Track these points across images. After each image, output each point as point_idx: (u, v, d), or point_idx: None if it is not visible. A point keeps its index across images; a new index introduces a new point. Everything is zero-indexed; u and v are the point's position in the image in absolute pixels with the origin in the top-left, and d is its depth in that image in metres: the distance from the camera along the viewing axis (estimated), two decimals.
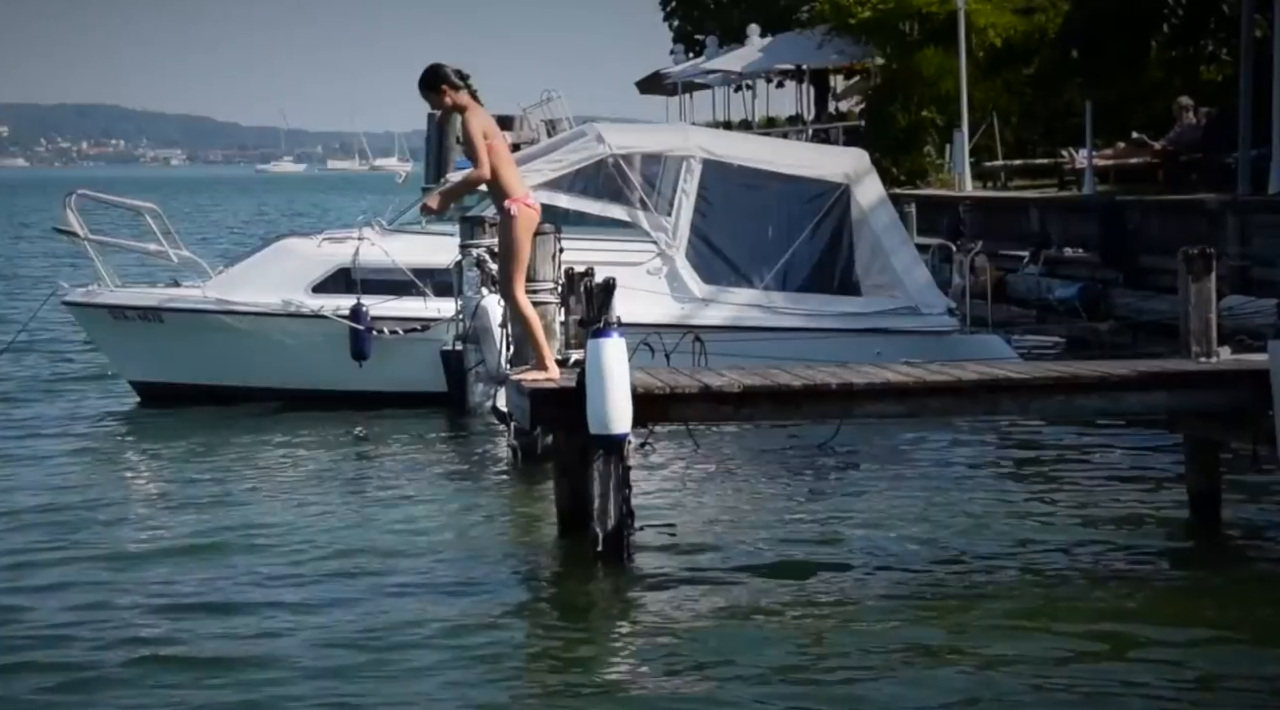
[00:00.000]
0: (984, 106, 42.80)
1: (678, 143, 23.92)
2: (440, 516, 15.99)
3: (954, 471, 18.25)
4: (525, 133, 43.94)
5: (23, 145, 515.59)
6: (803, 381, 13.94)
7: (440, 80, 14.25)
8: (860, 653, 11.44)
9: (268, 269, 23.31)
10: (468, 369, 21.30)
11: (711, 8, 69.46)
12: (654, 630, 12.18)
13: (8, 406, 23.34)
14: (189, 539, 15.04)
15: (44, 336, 30.00)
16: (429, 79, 14.31)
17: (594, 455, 13.41)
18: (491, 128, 14.28)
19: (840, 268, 23.48)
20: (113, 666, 11.38)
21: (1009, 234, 32.28)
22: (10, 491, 17.43)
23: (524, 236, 14.25)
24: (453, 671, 11.20)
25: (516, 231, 14.18)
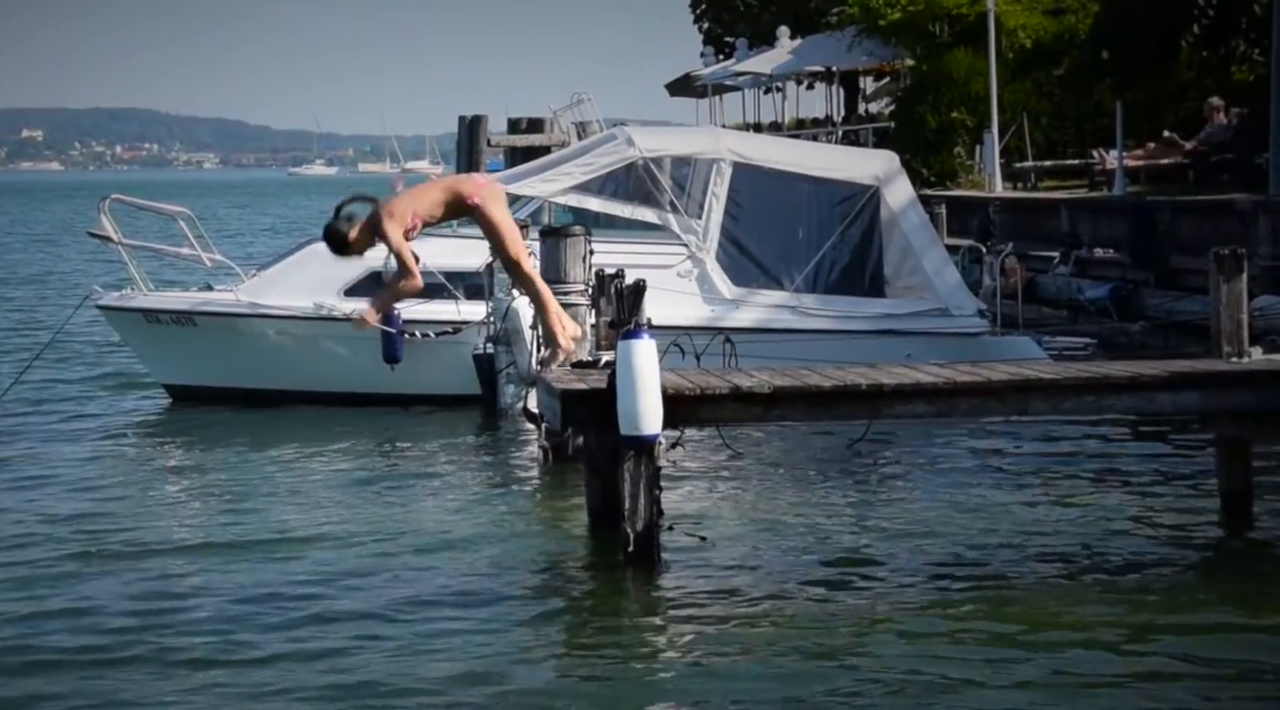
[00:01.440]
0: (1014, 107, 42.77)
1: (708, 145, 23.95)
2: (472, 517, 16.04)
3: (984, 472, 18.22)
4: (556, 135, 44.03)
5: (57, 149, 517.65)
6: (833, 382, 13.95)
7: (340, 237, 14.00)
8: (890, 654, 11.46)
9: (300, 272, 23.35)
10: (499, 371, 21.36)
11: (741, 10, 69.49)
12: (684, 630, 12.22)
13: (42, 409, 23.42)
14: (223, 538, 15.16)
15: (77, 340, 30.12)
16: (336, 244, 14.09)
17: (625, 456, 13.43)
18: (399, 200, 14.01)
19: (870, 269, 23.49)
20: (145, 661, 11.51)
21: (1039, 235, 32.27)
22: (45, 493, 17.52)
23: (504, 212, 14.15)
24: (484, 670, 11.25)
25: (496, 213, 14.05)
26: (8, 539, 15.17)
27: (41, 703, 10.79)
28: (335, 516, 16.15)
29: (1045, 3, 46.25)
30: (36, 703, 10.80)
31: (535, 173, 24.47)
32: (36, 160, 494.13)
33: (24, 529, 15.66)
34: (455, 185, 14.19)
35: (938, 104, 44.95)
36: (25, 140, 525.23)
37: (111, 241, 23.52)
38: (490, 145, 46.05)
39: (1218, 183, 31.80)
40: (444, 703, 10.72)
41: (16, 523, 15.95)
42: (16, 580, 13.63)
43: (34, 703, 10.80)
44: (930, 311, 23.19)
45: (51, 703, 10.79)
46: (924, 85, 46.56)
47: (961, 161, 44.55)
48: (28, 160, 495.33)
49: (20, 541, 15.11)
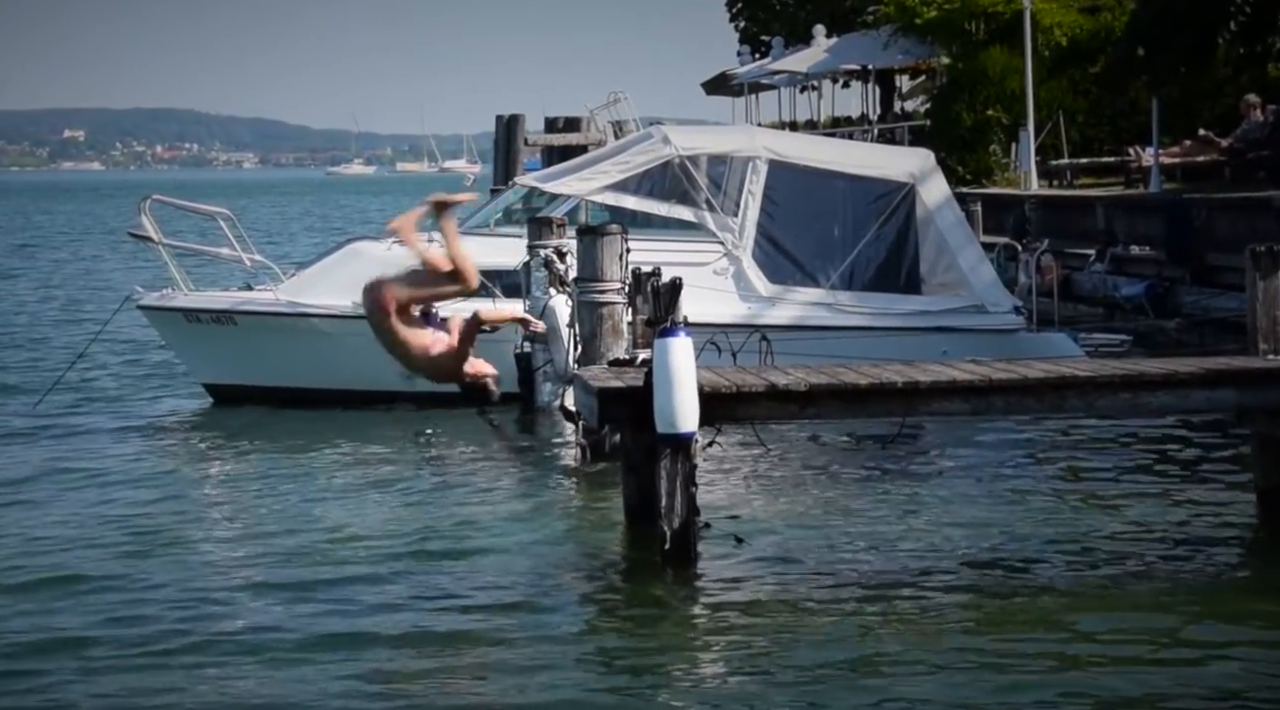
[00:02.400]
0: (1049, 105, 42.72)
1: (743, 143, 24.01)
2: (509, 514, 16.10)
3: (1019, 469, 18.25)
4: (593, 134, 44.07)
5: (98, 149, 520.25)
6: (868, 380, 13.99)
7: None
8: (926, 651, 11.49)
9: (338, 272, 23.43)
10: (536, 368, 21.43)
11: (777, 9, 69.49)
12: (720, 627, 12.29)
13: (84, 409, 23.56)
14: (264, 537, 15.26)
15: (119, 340, 30.27)
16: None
17: (661, 454, 13.50)
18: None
19: (906, 266, 23.51)
20: (189, 656, 11.65)
21: (1075, 232, 32.27)
22: (87, 492, 17.63)
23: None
24: (520, 666, 11.35)
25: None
26: (51, 538, 15.27)
27: (87, 698, 10.91)
28: (374, 514, 16.25)
29: (1081, 1, 46.20)
30: (81, 696, 10.92)
31: (572, 171, 24.56)
32: (78, 160, 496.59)
33: (67, 528, 15.77)
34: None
35: (973, 102, 44.94)
36: (67, 140, 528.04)
37: (152, 242, 23.66)
38: (527, 144, 46.14)
39: (1254, 180, 31.74)
40: (480, 698, 10.82)
41: (60, 522, 16.06)
42: (62, 578, 13.73)
43: (78, 696, 10.92)
44: (966, 308, 23.21)
45: (97, 699, 10.91)
46: (959, 83, 46.55)
47: (997, 159, 44.52)
48: (70, 160, 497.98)
49: (63, 540, 15.21)
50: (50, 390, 23.87)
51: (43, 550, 14.85)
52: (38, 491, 17.72)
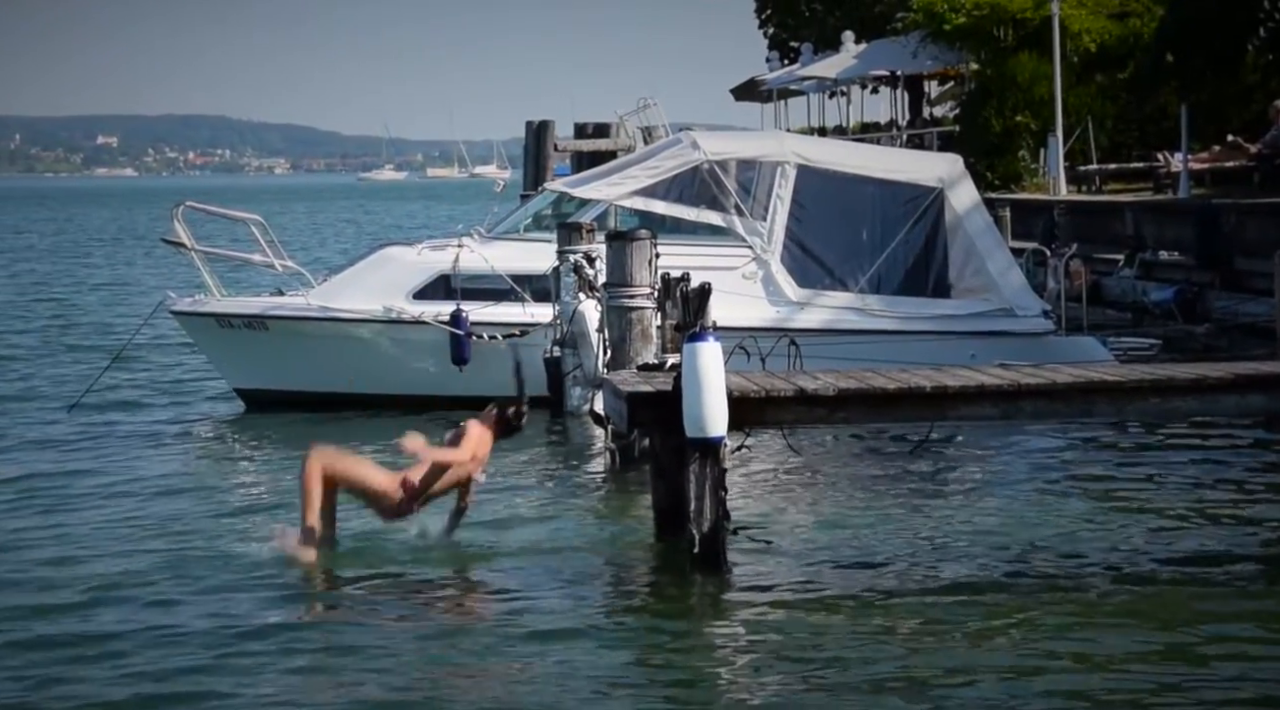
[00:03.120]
0: (1078, 111, 42.74)
1: (772, 149, 24.07)
2: (539, 518, 16.12)
3: (1048, 474, 18.24)
4: (622, 139, 44.14)
5: (131, 155, 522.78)
6: (897, 384, 13.98)
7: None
8: (955, 656, 11.53)
9: (370, 276, 23.59)
10: (566, 373, 21.49)
11: (806, 15, 69.54)
12: (750, 631, 12.32)
13: (117, 414, 23.64)
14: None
15: (152, 345, 30.40)
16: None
17: (690, 458, 13.51)
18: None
19: (935, 271, 23.55)
20: (224, 659, 11.73)
21: (1104, 237, 32.27)
22: (121, 497, 17.70)
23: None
24: (549, 670, 11.39)
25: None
26: (85, 544, 15.31)
27: (124, 702, 11.00)
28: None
29: (1110, 6, 46.21)
30: (118, 701, 11.02)
31: (602, 177, 24.63)
32: (111, 166, 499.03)
33: (101, 532, 15.82)
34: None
35: (1002, 108, 44.97)
36: (100, 147, 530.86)
37: (185, 248, 23.77)
38: (557, 150, 46.22)
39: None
40: (509, 701, 10.87)
41: (94, 526, 16.11)
42: (98, 586, 13.75)
43: (116, 701, 11.02)
44: (995, 312, 23.22)
45: (134, 703, 11.00)
46: (988, 89, 46.59)
47: (1026, 165, 44.53)
48: (103, 166, 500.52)
49: (97, 544, 15.26)
50: (84, 395, 23.98)
51: (76, 554, 14.90)
52: (71, 496, 17.79)
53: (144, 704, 10.96)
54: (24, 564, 14.53)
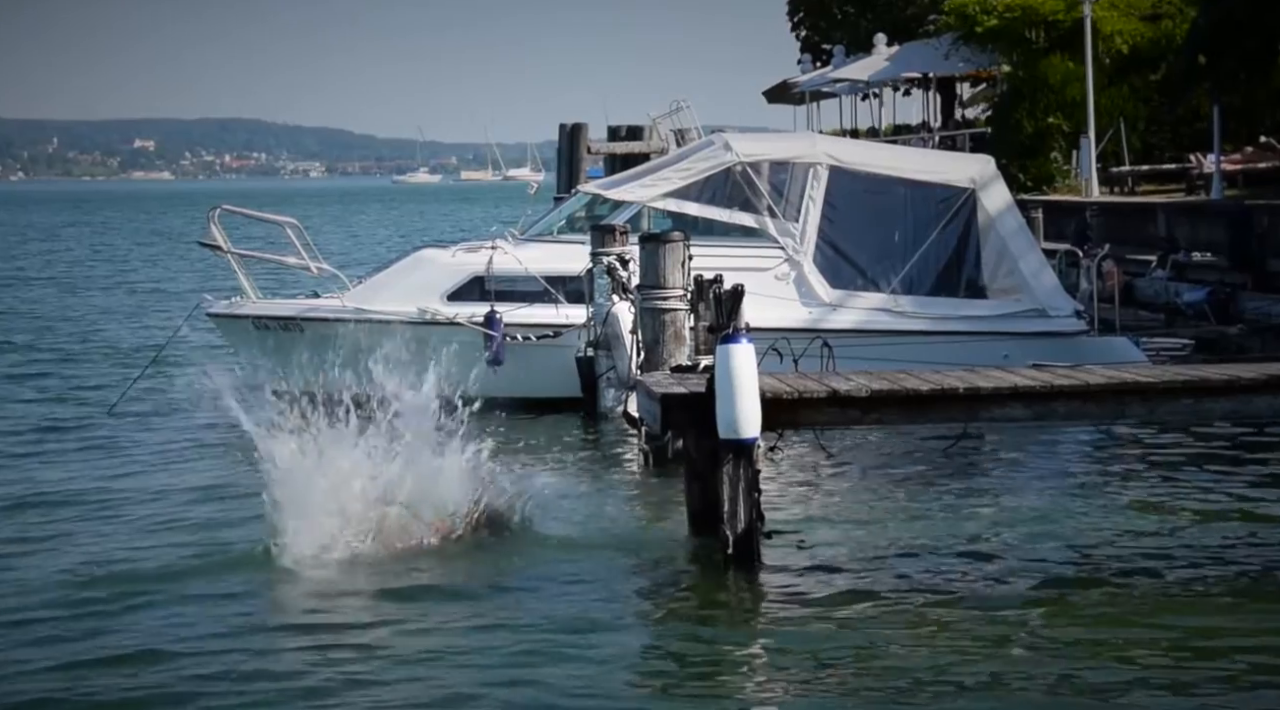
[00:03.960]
0: (1110, 112, 42.71)
1: (805, 150, 24.13)
2: (573, 518, 16.13)
3: (1081, 474, 18.27)
4: (655, 142, 44.27)
5: (168, 159, 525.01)
6: (930, 385, 14.02)
7: None
8: (986, 658, 11.56)
9: (404, 279, 23.69)
10: (599, 374, 21.57)
11: (839, 18, 69.53)
12: (783, 631, 12.38)
13: (154, 416, 23.77)
14: (330, 542, 15.31)
15: (188, 347, 30.51)
16: None
17: (724, 459, 13.57)
18: None
19: (967, 272, 23.60)
20: (260, 659, 11.85)
21: (1136, 239, 32.25)
22: (158, 501, 17.80)
23: None
24: (583, 669, 11.47)
25: None
26: (124, 547, 15.40)
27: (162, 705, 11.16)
28: (439, 517, 16.29)
29: (1142, 8, 46.17)
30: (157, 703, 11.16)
31: (635, 179, 24.72)
32: (148, 169, 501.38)
33: (138, 535, 15.95)
34: None
35: (1034, 109, 44.96)
36: (138, 150, 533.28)
37: (221, 251, 23.90)
38: (590, 152, 46.37)
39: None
40: (544, 700, 10.96)
41: (131, 529, 16.22)
42: (135, 590, 13.83)
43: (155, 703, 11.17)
44: (1027, 313, 23.25)
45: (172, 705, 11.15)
46: (1020, 91, 46.58)
47: (1058, 166, 44.53)
48: (140, 170, 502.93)
49: (134, 546, 15.38)
50: (120, 399, 24.12)
51: (113, 557, 15.00)
52: (109, 498, 17.90)
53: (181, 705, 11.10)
54: (62, 565, 14.62)
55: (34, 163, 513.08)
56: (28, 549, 15.31)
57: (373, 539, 14.48)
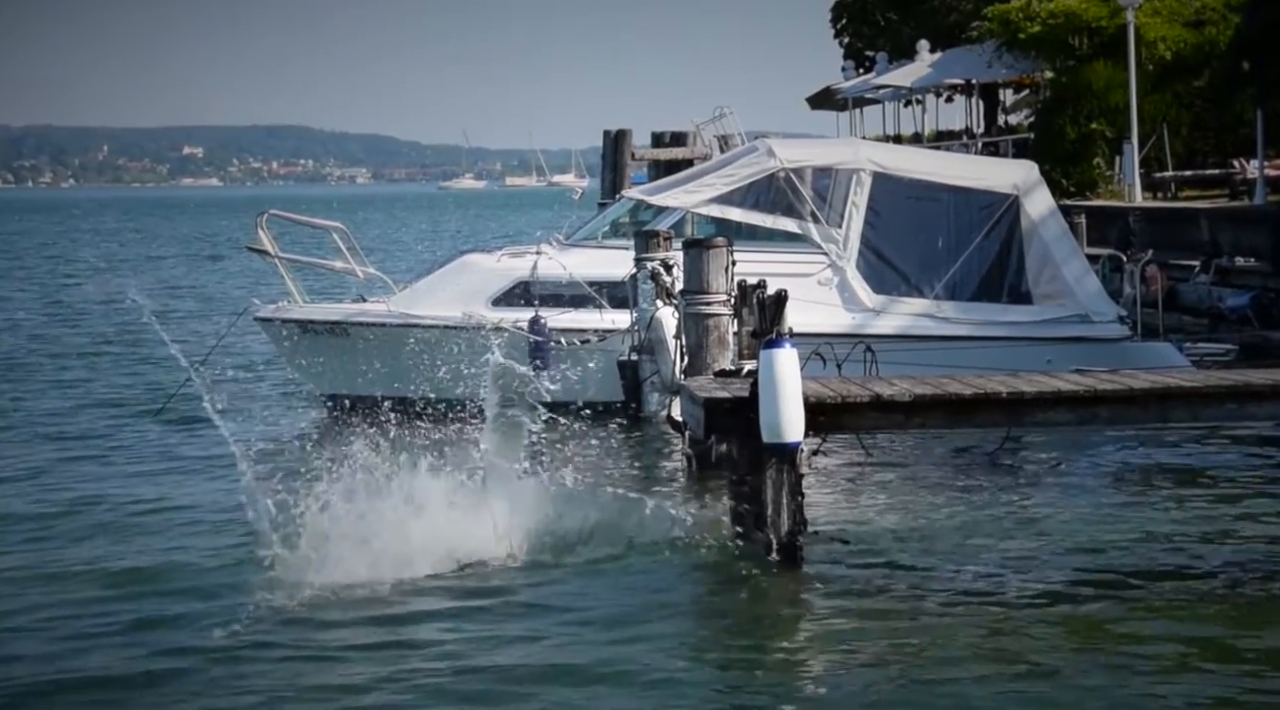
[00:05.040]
0: (1153, 118, 42.65)
1: (848, 156, 24.17)
2: (616, 522, 16.18)
3: (1125, 479, 18.27)
4: (698, 148, 44.35)
5: (216, 166, 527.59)
6: (973, 390, 14.07)
7: None
8: (1030, 661, 11.60)
9: (449, 284, 23.80)
10: (643, 379, 21.62)
11: (882, 25, 69.51)
12: (826, 634, 12.45)
13: (201, 420, 23.84)
14: (380, 544, 15.43)
15: (236, 351, 30.67)
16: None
17: (767, 463, 13.65)
18: None
19: (1010, 277, 23.60)
20: (302, 661, 11.98)
21: (1179, 244, 32.21)
22: (206, 503, 17.94)
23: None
24: (629, 674, 11.55)
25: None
26: (176, 547, 15.55)
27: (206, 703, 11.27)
28: (483, 524, 16.37)
29: (1185, 14, 46.10)
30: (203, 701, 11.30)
31: (678, 185, 24.79)
32: (197, 176, 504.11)
33: (190, 540, 16.07)
34: None
35: (1077, 115, 44.92)
36: (186, 157, 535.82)
37: (268, 256, 24.05)
38: (634, 158, 46.47)
39: None
40: (588, 696, 11.08)
41: (178, 532, 16.35)
42: (188, 589, 14.00)
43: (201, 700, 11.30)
44: (1070, 318, 23.25)
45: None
46: (1063, 97, 46.54)
47: (1101, 172, 44.47)
48: (189, 176, 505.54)
49: (187, 550, 15.49)
50: (168, 403, 24.27)
51: (158, 555, 15.16)
52: (157, 499, 18.06)
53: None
54: (108, 565, 14.76)
55: (84, 170, 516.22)
56: (67, 554, 15.39)
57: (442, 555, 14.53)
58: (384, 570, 14.07)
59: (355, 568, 14.05)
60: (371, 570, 14.06)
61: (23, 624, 13.09)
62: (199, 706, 11.19)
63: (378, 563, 14.19)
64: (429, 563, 14.40)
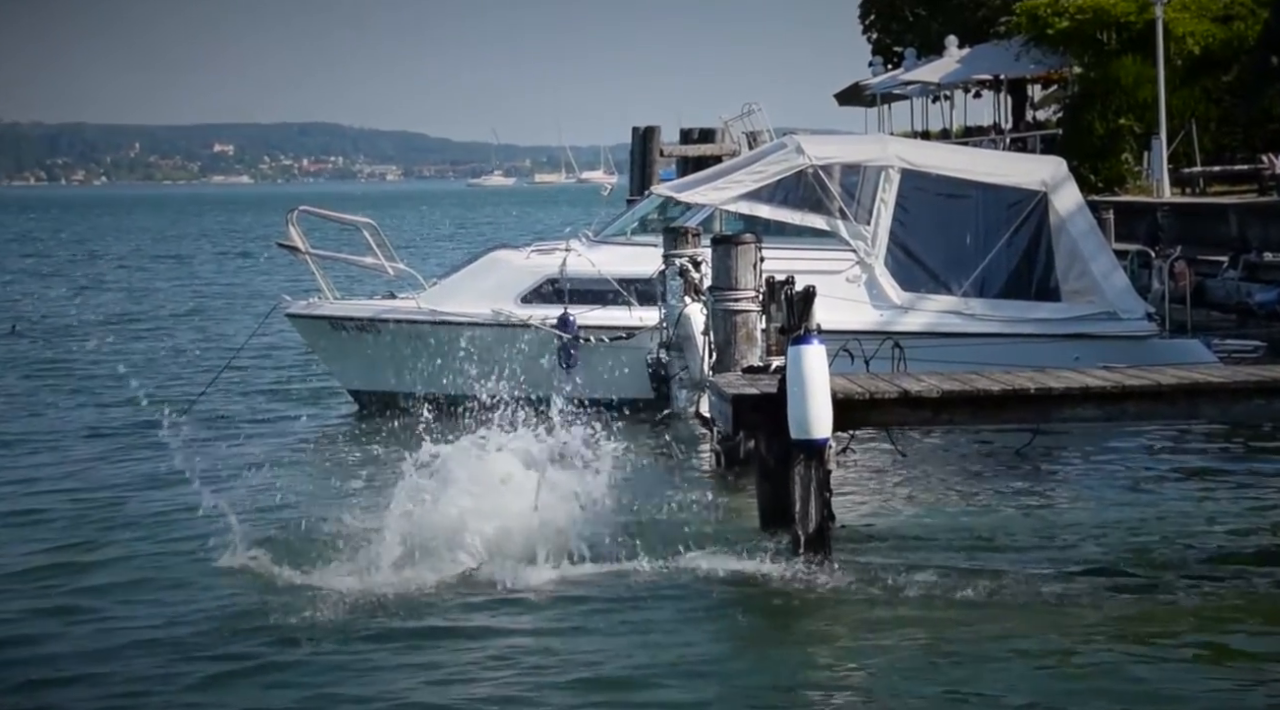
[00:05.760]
0: (1182, 113, 42.59)
1: (876, 153, 24.18)
2: (645, 520, 16.23)
3: (1153, 475, 18.27)
4: (727, 145, 44.39)
5: (247, 163, 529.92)
6: (1001, 386, 14.07)
7: None
8: (1057, 657, 11.66)
9: (479, 280, 23.85)
10: (671, 375, 21.64)
11: (910, 21, 69.48)
12: (854, 630, 12.47)
13: (233, 415, 24.05)
14: (407, 539, 15.47)
15: (267, 346, 30.80)
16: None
17: (795, 459, 13.68)
18: None
19: (1038, 274, 23.57)
20: (338, 655, 12.08)
21: (1208, 239, 32.18)
22: (240, 497, 18.01)
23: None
24: (656, 669, 11.61)
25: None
26: (204, 543, 15.53)
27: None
28: (515, 520, 16.43)
29: (1214, 9, 46.02)
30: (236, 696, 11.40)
31: (707, 181, 24.79)
32: (228, 174, 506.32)
33: (219, 530, 16.11)
34: None
35: (1105, 111, 44.88)
36: (217, 155, 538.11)
37: (299, 252, 24.13)
38: (663, 155, 46.55)
39: None
40: (616, 693, 11.16)
41: (208, 526, 16.42)
42: (215, 585, 14.10)
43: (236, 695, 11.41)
44: (1098, 315, 23.22)
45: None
46: (1092, 92, 46.49)
47: (1129, 167, 44.42)
48: (220, 174, 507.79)
49: (215, 545, 15.45)
50: (199, 398, 24.38)
51: (192, 550, 15.27)
52: (189, 494, 18.13)
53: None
54: (141, 561, 14.85)
55: (116, 168, 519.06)
56: (95, 552, 15.50)
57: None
58: (433, 564, 14.21)
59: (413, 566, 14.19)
60: (415, 567, 14.16)
61: (62, 625, 13.17)
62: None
63: (423, 558, 14.30)
64: (465, 557, 14.47)
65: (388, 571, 14.19)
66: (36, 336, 36.62)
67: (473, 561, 14.33)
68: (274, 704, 11.23)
